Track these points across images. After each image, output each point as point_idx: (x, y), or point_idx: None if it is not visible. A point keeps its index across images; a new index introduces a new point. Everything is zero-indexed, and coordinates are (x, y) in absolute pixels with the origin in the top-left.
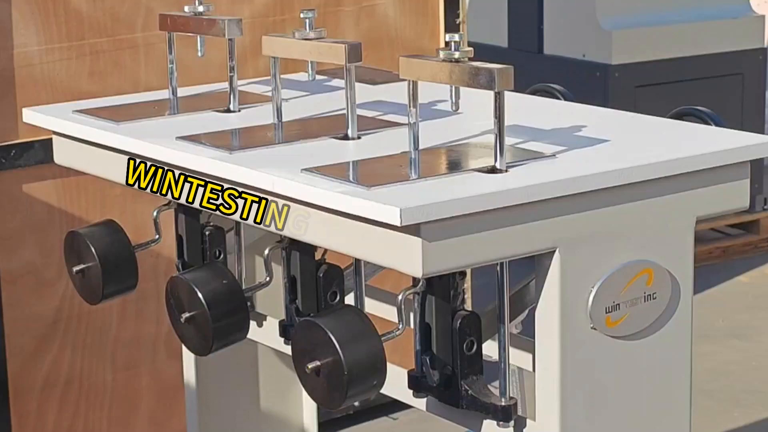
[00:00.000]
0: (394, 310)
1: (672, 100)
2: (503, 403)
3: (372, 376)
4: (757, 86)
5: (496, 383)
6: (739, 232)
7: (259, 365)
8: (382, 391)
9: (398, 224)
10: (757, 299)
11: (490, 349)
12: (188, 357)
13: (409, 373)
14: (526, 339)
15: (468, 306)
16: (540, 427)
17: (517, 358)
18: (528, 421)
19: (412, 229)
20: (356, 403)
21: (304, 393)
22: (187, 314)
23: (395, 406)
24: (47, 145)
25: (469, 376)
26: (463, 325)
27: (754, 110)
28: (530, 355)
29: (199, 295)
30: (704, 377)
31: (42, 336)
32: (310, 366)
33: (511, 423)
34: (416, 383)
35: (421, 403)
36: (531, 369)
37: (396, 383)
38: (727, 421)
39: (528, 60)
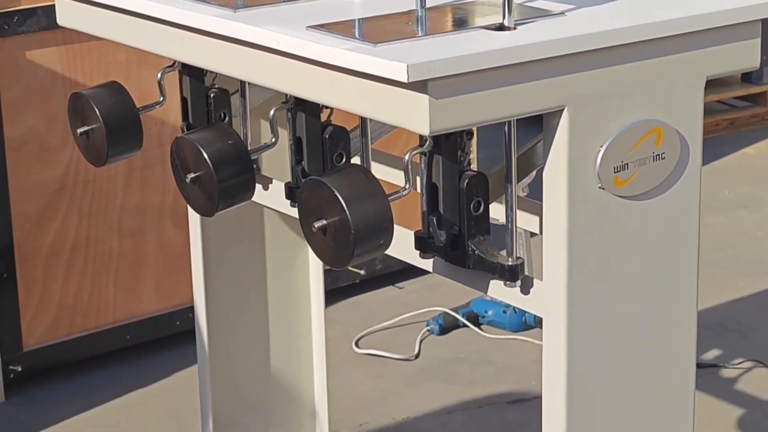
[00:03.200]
0: (401, 174)
1: None
2: (510, 263)
3: (378, 234)
4: None
5: (504, 252)
6: (746, 104)
7: (265, 230)
8: (389, 252)
9: (405, 80)
10: (764, 171)
11: (497, 212)
12: (194, 220)
13: (415, 233)
14: (533, 201)
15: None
16: (547, 287)
17: (524, 221)
18: (535, 280)
19: (419, 86)
20: (362, 272)
21: (311, 260)
22: (192, 174)
23: (401, 275)
24: (50, 11)
25: (476, 236)
26: (470, 185)
27: None
28: (537, 218)
29: (205, 154)
30: (710, 247)
31: (47, 203)
32: (316, 225)
33: (518, 282)
34: (423, 244)
35: (427, 264)
36: (538, 232)
37: (402, 245)
38: (731, 291)
39: None
